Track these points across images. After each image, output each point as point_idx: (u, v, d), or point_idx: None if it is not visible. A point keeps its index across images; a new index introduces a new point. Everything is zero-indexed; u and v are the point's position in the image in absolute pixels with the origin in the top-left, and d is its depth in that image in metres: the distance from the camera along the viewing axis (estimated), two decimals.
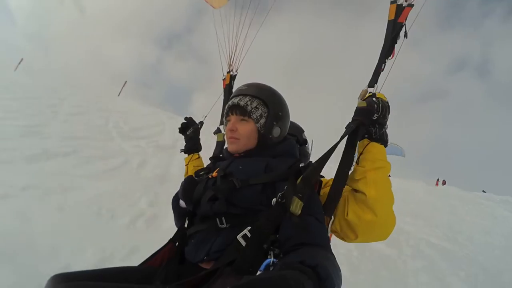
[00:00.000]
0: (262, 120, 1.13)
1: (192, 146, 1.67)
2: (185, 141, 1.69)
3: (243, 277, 0.62)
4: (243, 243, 0.85)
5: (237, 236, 0.86)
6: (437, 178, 21.98)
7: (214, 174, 1.12)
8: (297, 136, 1.53)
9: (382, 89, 1.17)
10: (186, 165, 1.67)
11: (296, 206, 0.83)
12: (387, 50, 1.15)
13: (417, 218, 5.73)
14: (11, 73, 12.39)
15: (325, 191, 1.09)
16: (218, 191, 0.98)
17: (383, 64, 1.14)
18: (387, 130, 1.10)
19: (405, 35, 1.18)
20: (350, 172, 1.04)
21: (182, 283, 0.82)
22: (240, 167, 1.07)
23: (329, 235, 0.99)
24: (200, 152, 1.68)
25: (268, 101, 1.15)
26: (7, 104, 5.76)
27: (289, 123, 1.26)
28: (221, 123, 1.59)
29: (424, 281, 3.19)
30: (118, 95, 14.75)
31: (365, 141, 1.08)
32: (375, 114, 1.04)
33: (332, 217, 1.01)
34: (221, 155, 1.29)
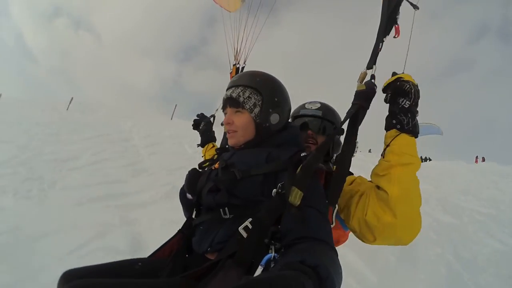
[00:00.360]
0: (257, 109, 1.13)
1: (207, 139, 1.86)
2: (200, 135, 1.89)
3: (243, 277, 0.67)
4: (245, 234, 0.87)
5: (239, 228, 0.89)
6: (476, 156, 23.54)
7: (217, 165, 1.18)
8: (336, 125, 1.59)
9: (405, 70, 1.14)
10: (203, 156, 1.82)
11: (295, 196, 0.83)
12: (384, 29, 1.13)
13: (467, 195, 7.61)
14: (65, 112, 13.82)
15: (350, 188, 1.12)
16: (219, 182, 1.02)
17: (381, 44, 1.12)
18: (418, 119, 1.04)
19: (415, 7, 1.14)
20: (353, 157, 1.05)
21: (185, 275, 0.89)
22: (242, 158, 1.10)
23: (332, 225, 0.97)
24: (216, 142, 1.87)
25: (261, 88, 1.15)
26: (91, 145, 6.34)
27: (290, 108, 1.25)
28: None
29: (481, 236, 5.01)
30: (171, 119, 16.33)
31: (394, 131, 1.03)
32: (407, 101, 1.01)
33: (337, 206, 1.02)
34: (227, 146, 1.35)
